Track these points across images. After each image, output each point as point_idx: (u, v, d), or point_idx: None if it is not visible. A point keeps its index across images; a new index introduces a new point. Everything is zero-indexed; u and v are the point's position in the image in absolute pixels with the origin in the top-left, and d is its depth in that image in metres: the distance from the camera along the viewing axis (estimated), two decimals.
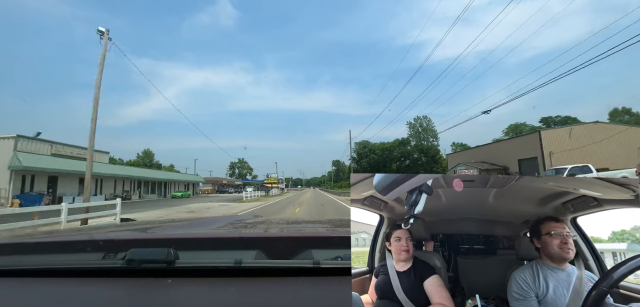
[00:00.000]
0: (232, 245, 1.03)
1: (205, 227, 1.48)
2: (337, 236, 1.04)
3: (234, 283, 0.73)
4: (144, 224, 1.59)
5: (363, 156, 71.18)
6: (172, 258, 0.76)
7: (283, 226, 1.50)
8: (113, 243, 1.02)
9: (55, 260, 0.92)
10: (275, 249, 0.94)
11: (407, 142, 71.81)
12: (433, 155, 66.99)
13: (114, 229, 1.47)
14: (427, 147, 69.13)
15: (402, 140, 71.23)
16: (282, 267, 0.80)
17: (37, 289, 0.74)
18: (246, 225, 1.56)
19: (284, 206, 21.63)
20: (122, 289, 0.73)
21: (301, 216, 13.82)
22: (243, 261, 0.77)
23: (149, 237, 1.17)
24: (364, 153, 71.78)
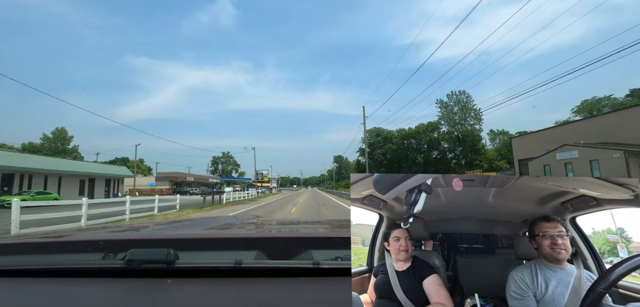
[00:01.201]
0: (232, 245, 1.03)
1: (205, 227, 1.49)
2: (337, 236, 1.04)
3: (234, 283, 0.73)
4: (144, 224, 1.59)
5: (376, 146, 55.16)
6: (172, 258, 0.76)
7: (283, 227, 1.51)
8: (113, 243, 1.02)
9: (55, 260, 0.92)
10: (275, 250, 0.94)
11: (436, 127, 54.20)
12: (473, 144, 49.56)
13: (114, 229, 1.47)
14: (464, 133, 50.74)
15: (430, 125, 53.93)
16: (282, 267, 0.80)
17: (37, 289, 0.74)
18: (246, 225, 1.56)
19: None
20: (122, 289, 0.73)
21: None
22: (243, 262, 0.77)
23: (149, 238, 1.17)
24: (377, 142, 55.58)
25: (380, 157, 54.23)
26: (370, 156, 50.67)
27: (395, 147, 54.04)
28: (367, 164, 36.95)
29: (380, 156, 54.14)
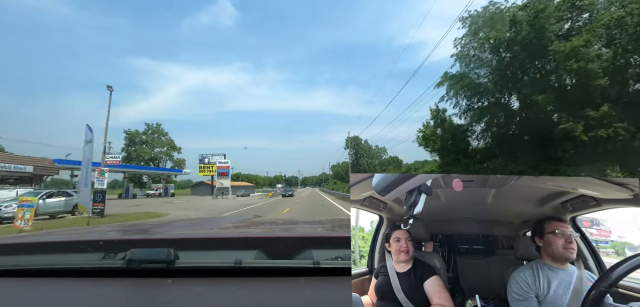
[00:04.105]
0: (232, 245, 1.03)
1: (205, 227, 1.49)
2: (337, 236, 1.04)
3: (234, 283, 0.73)
4: (144, 224, 1.59)
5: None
6: (172, 258, 0.76)
7: (283, 226, 1.51)
8: (113, 243, 1.02)
9: (55, 260, 0.92)
10: (275, 249, 0.94)
11: None
12: None
13: (114, 229, 1.47)
14: None
15: None
16: (282, 267, 0.80)
17: (37, 289, 0.74)
18: (246, 225, 1.56)
19: None
20: (122, 289, 0.73)
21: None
22: (243, 261, 0.77)
23: (149, 238, 1.17)
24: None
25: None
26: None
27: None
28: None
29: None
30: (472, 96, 21.87)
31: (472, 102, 22.21)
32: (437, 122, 25.10)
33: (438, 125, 25.06)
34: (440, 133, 24.91)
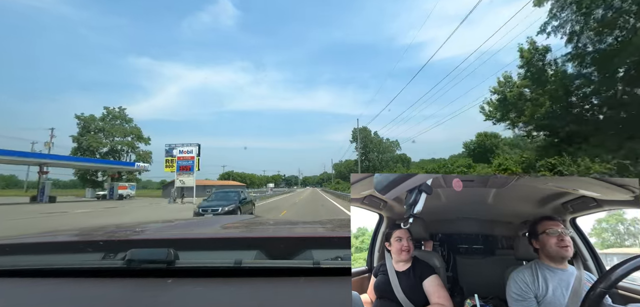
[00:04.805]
0: (232, 245, 1.03)
1: (205, 227, 1.49)
2: (337, 236, 1.04)
3: (234, 283, 0.73)
4: (144, 224, 1.59)
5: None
6: (172, 258, 0.76)
7: (283, 226, 1.51)
8: (113, 243, 1.02)
9: (55, 260, 0.92)
10: (275, 249, 0.94)
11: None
12: None
13: (114, 229, 1.48)
14: None
15: None
16: (282, 267, 0.80)
17: (37, 289, 0.74)
18: (246, 225, 1.56)
19: None
20: (122, 289, 0.73)
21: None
22: (243, 261, 0.77)
23: (149, 238, 1.17)
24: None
25: None
26: None
27: None
28: None
29: None
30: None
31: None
32: (531, 72, 14.35)
33: (534, 77, 14.03)
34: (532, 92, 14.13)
